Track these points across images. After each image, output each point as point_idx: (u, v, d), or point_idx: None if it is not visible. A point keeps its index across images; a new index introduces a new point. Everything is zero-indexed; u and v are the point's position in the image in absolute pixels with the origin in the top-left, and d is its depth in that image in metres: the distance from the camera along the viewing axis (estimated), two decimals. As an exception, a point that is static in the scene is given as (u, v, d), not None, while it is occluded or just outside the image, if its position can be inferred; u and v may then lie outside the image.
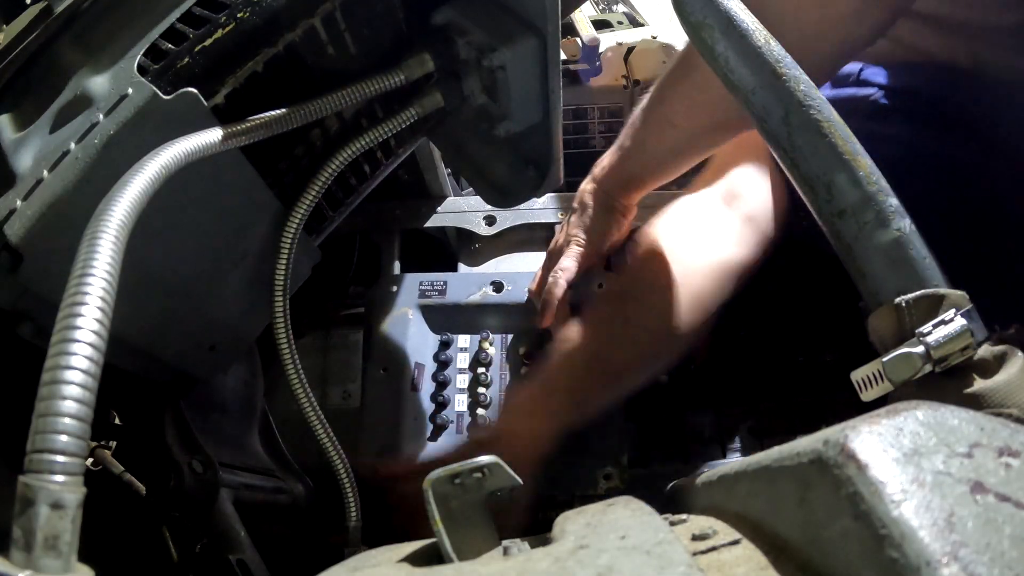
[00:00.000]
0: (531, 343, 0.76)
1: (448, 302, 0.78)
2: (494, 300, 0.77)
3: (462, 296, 0.78)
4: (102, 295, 0.25)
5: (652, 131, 0.66)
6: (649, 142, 0.67)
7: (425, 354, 0.77)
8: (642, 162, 0.69)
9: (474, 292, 0.78)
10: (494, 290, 0.78)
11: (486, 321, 0.78)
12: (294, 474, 0.68)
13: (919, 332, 0.33)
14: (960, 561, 0.18)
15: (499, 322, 0.78)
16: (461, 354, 0.78)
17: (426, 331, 0.79)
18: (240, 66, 0.42)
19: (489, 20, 0.47)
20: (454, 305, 0.78)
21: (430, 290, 0.79)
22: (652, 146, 0.67)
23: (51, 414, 0.22)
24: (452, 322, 0.79)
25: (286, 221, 0.49)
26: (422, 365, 0.76)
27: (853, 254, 0.36)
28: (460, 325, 0.78)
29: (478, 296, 0.78)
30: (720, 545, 0.24)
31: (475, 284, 0.79)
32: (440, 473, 0.30)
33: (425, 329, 0.79)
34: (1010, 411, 0.25)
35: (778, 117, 0.38)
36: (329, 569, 0.28)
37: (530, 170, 0.57)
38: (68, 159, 0.36)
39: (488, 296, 0.78)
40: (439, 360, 0.76)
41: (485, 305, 0.78)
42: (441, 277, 0.80)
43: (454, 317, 0.78)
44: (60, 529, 0.21)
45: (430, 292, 0.79)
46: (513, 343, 0.77)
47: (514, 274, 0.80)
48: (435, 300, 0.78)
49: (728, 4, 0.41)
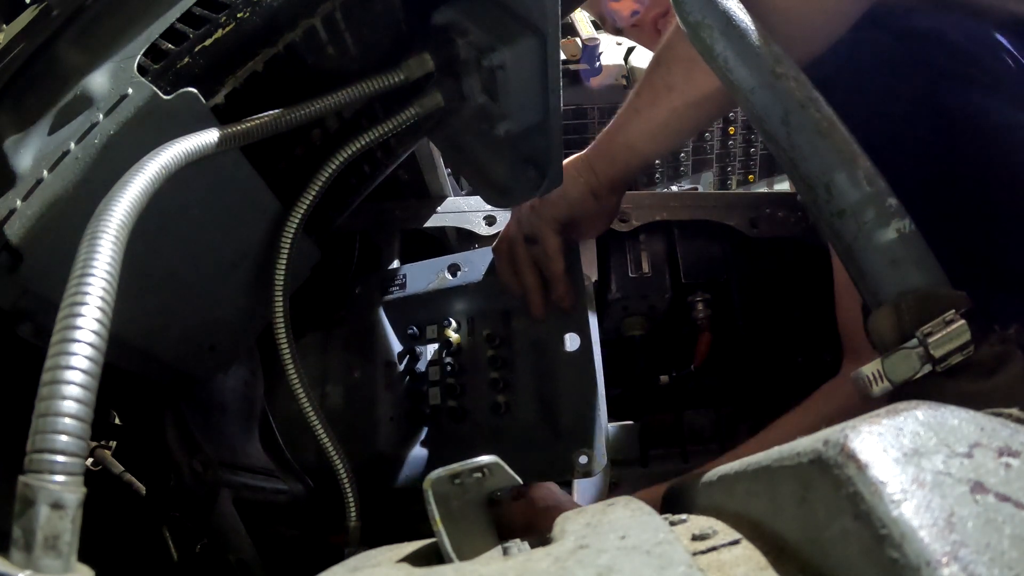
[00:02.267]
0: (496, 324, 0.73)
1: (409, 294, 0.75)
2: (452, 284, 0.74)
3: (421, 286, 0.75)
4: (102, 295, 0.25)
5: (648, 98, 0.63)
6: (644, 109, 0.64)
7: (395, 351, 0.75)
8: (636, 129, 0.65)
9: (432, 280, 0.75)
10: (450, 273, 0.75)
11: (449, 307, 0.75)
12: (294, 474, 0.68)
13: (919, 332, 0.33)
14: (960, 561, 0.18)
15: (462, 306, 0.75)
16: (431, 345, 0.76)
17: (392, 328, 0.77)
18: (240, 66, 0.42)
19: (489, 20, 0.47)
20: (414, 296, 0.75)
21: (392, 285, 0.77)
22: (646, 113, 0.64)
23: (51, 414, 0.22)
24: (416, 315, 0.76)
25: (286, 221, 0.49)
26: (393, 363, 0.74)
27: (853, 254, 0.36)
28: (424, 315, 0.76)
29: (436, 282, 0.75)
30: (720, 545, 0.24)
31: (433, 271, 0.76)
32: (440, 473, 0.30)
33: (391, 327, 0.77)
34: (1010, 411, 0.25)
35: (777, 117, 0.38)
36: (329, 569, 0.28)
37: (530, 170, 0.57)
38: (68, 159, 0.36)
39: (446, 281, 0.74)
40: (408, 355, 0.74)
41: (444, 290, 0.74)
42: (401, 270, 0.77)
43: (417, 308, 0.76)
44: (60, 529, 0.21)
45: (392, 287, 0.77)
46: (477, 326, 0.74)
47: (469, 254, 0.76)
48: (397, 295, 0.76)
49: (727, 4, 0.41)
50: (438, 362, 0.74)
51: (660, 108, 0.62)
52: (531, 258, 0.69)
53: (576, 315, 0.67)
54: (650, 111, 0.63)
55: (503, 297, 0.72)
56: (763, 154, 1.36)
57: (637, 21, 0.99)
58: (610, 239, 0.93)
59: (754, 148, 1.36)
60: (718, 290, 0.92)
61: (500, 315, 0.73)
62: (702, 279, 0.92)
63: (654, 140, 0.65)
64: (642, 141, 0.65)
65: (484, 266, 0.74)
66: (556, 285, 0.68)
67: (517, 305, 0.71)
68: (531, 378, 0.69)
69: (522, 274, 0.70)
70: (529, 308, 0.70)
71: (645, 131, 0.65)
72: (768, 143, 0.40)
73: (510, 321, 0.72)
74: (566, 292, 0.68)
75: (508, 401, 0.69)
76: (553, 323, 0.68)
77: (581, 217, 0.69)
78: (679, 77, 0.60)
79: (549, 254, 0.67)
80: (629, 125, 0.65)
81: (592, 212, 0.69)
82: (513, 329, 0.72)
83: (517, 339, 0.72)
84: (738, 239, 0.92)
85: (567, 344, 0.67)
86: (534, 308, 0.69)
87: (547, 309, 0.69)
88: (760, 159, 1.37)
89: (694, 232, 0.93)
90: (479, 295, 0.74)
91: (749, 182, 1.39)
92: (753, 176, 1.38)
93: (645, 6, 0.98)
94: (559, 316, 0.68)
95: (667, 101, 0.62)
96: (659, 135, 0.64)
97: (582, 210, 0.68)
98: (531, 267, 0.69)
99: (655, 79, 0.62)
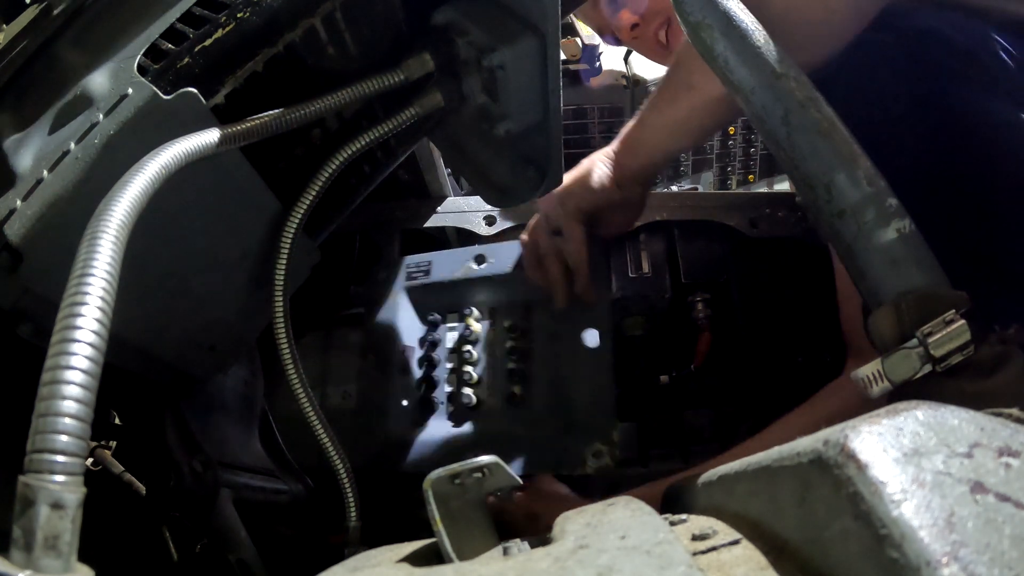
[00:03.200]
0: (517, 315, 0.73)
1: (433, 281, 0.76)
2: (477, 274, 0.75)
3: (447, 274, 0.76)
4: (102, 295, 0.25)
5: (668, 95, 0.65)
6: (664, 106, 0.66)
7: (414, 337, 0.76)
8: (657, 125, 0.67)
9: (457, 269, 0.76)
10: (476, 263, 0.75)
11: (472, 297, 0.76)
12: (294, 474, 0.68)
13: (919, 332, 0.33)
14: (960, 561, 0.18)
15: (485, 296, 0.76)
16: (450, 334, 0.76)
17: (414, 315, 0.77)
18: (240, 66, 0.42)
19: (489, 20, 0.47)
20: (438, 283, 0.76)
21: (416, 271, 0.77)
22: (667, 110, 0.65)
23: (51, 414, 0.22)
24: (438, 301, 0.77)
25: (286, 221, 0.49)
26: (411, 347, 0.75)
27: (853, 254, 0.36)
28: (446, 303, 0.76)
29: (461, 272, 0.75)
30: (720, 545, 0.24)
31: (459, 261, 0.77)
32: (440, 473, 0.30)
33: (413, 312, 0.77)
34: (1010, 411, 0.25)
35: (778, 117, 0.38)
36: (329, 569, 0.28)
37: (530, 170, 0.57)
38: (68, 159, 0.36)
39: (471, 271, 0.75)
40: (427, 341, 0.75)
41: (469, 280, 0.75)
42: (426, 257, 0.78)
43: (440, 296, 0.76)
44: (60, 529, 0.21)
45: (416, 273, 0.77)
46: (499, 317, 0.74)
47: (496, 245, 0.77)
48: (420, 281, 0.76)
49: (727, 4, 0.41)
50: (457, 350, 0.74)
51: (680, 106, 0.64)
52: (555, 249, 0.70)
53: (598, 311, 0.68)
54: (670, 108, 0.65)
55: (527, 290, 0.72)
56: (763, 154, 1.36)
57: (638, 33, 1.00)
58: (610, 239, 0.93)
59: (754, 148, 1.36)
60: (718, 290, 0.92)
61: (522, 308, 0.73)
62: (702, 279, 0.91)
63: (673, 137, 0.67)
64: (663, 137, 0.67)
65: (510, 258, 0.75)
66: (579, 276, 0.69)
67: (540, 299, 0.71)
68: (548, 371, 0.70)
69: (546, 265, 0.71)
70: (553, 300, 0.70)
71: (666, 127, 0.66)
72: (768, 143, 0.40)
73: (532, 315, 0.73)
74: (588, 284, 0.68)
75: (524, 393, 0.69)
76: (575, 318, 0.69)
77: (605, 207, 0.70)
78: (698, 76, 0.61)
79: (573, 244, 0.68)
80: (650, 121, 0.67)
81: (616, 203, 0.70)
82: (534, 322, 0.72)
83: (537, 332, 0.72)
84: (738, 239, 0.92)
85: (587, 340, 0.67)
86: (558, 299, 0.70)
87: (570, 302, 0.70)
88: (760, 159, 1.37)
89: (694, 232, 0.93)
90: (503, 287, 0.75)
91: (749, 182, 1.39)
92: (753, 176, 1.38)
93: (645, 19, 0.98)
94: (581, 311, 0.69)
95: (687, 99, 0.63)
96: (679, 132, 0.66)
97: (606, 200, 0.69)
98: (556, 258, 0.70)
99: (675, 78, 0.64)
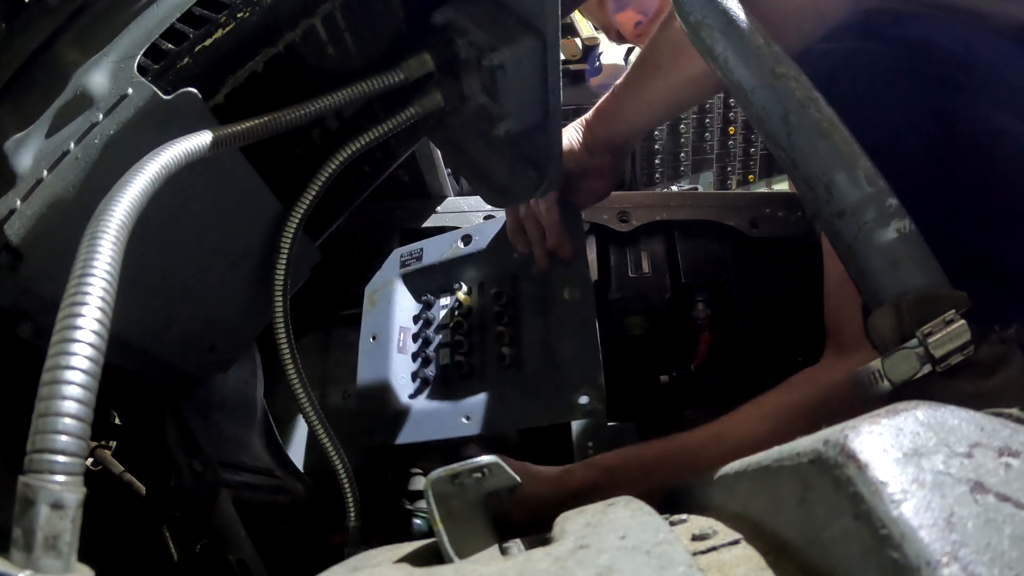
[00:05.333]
0: (505, 285, 0.78)
1: (425, 264, 0.82)
2: (465, 252, 0.80)
3: (436, 257, 0.81)
4: (102, 295, 0.25)
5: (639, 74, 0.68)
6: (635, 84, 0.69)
7: (410, 319, 0.81)
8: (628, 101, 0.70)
9: (446, 250, 0.81)
10: (463, 243, 0.81)
11: (462, 274, 0.81)
12: (294, 474, 0.68)
13: (919, 332, 0.33)
14: (960, 561, 0.18)
15: (473, 272, 0.81)
16: (443, 310, 0.81)
17: (411, 298, 0.82)
18: (240, 66, 0.42)
19: (489, 20, 0.47)
20: (430, 267, 0.81)
21: (409, 259, 0.83)
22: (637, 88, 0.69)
23: (51, 414, 0.22)
24: (432, 283, 0.82)
25: (286, 221, 0.49)
26: (407, 328, 0.80)
27: (853, 254, 0.36)
28: (439, 284, 0.82)
29: (450, 252, 0.81)
30: (720, 545, 0.24)
31: (447, 243, 0.82)
32: (440, 473, 0.30)
33: (409, 296, 0.82)
34: (1010, 411, 0.25)
35: (778, 117, 0.38)
36: (329, 569, 0.28)
37: (530, 170, 0.57)
38: (68, 159, 0.36)
39: (459, 251, 0.80)
40: (421, 320, 0.80)
41: (458, 259, 0.80)
42: (418, 245, 0.83)
43: (434, 277, 0.82)
44: (60, 529, 0.21)
45: (409, 261, 0.83)
46: (487, 287, 0.79)
47: (481, 224, 0.82)
48: (414, 267, 0.82)
49: (727, 4, 0.41)
50: (448, 323, 0.78)
51: (649, 85, 0.67)
52: (532, 212, 0.74)
53: (576, 269, 0.72)
54: (640, 86, 0.68)
55: (511, 261, 0.77)
56: (763, 154, 1.36)
57: (641, 31, 1.01)
58: (610, 239, 0.93)
59: (754, 148, 1.36)
60: (718, 290, 0.92)
61: (509, 278, 0.78)
62: (702, 279, 0.92)
63: (642, 114, 0.70)
64: (633, 112, 0.70)
65: (494, 235, 0.80)
66: (551, 234, 0.72)
67: (524, 268, 0.76)
68: (535, 331, 0.73)
69: (526, 229, 0.75)
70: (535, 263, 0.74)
71: (636, 104, 0.69)
72: (768, 143, 0.40)
73: (517, 283, 0.77)
74: (561, 241, 0.72)
75: (514, 353, 0.73)
76: (555, 278, 0.73)
77: (577, 172, 0.73)
78: (667, 59, 0.64)
79: (544, 203, 0.72)
80: (623, 96, 0.70)
81: (587, 167, 0.73)
82: (520, 290, 0.77)
83: (523, 297, 0.76)
84: (738, 239, 0.92)
85: (567, 295, 0.71)
86: (539, 260, 0.74)
87: (550, 263, 0.74)
88: (760, 159, 1.37)
89: (694, 232, 0.94)
90: (489, 260, 0.80)
91: (749, 182, 1.39)
92: (753, 176, 1.38)
93: (648, 17, 0.99)
94: (561, 272, 0.73)
95: (655, 79, 0.66)
96: (647, 110, 0.69)
97: (576, 164, 0.72)
98: (533, 220, 0.74)
99: (647, 58, 0.67)
